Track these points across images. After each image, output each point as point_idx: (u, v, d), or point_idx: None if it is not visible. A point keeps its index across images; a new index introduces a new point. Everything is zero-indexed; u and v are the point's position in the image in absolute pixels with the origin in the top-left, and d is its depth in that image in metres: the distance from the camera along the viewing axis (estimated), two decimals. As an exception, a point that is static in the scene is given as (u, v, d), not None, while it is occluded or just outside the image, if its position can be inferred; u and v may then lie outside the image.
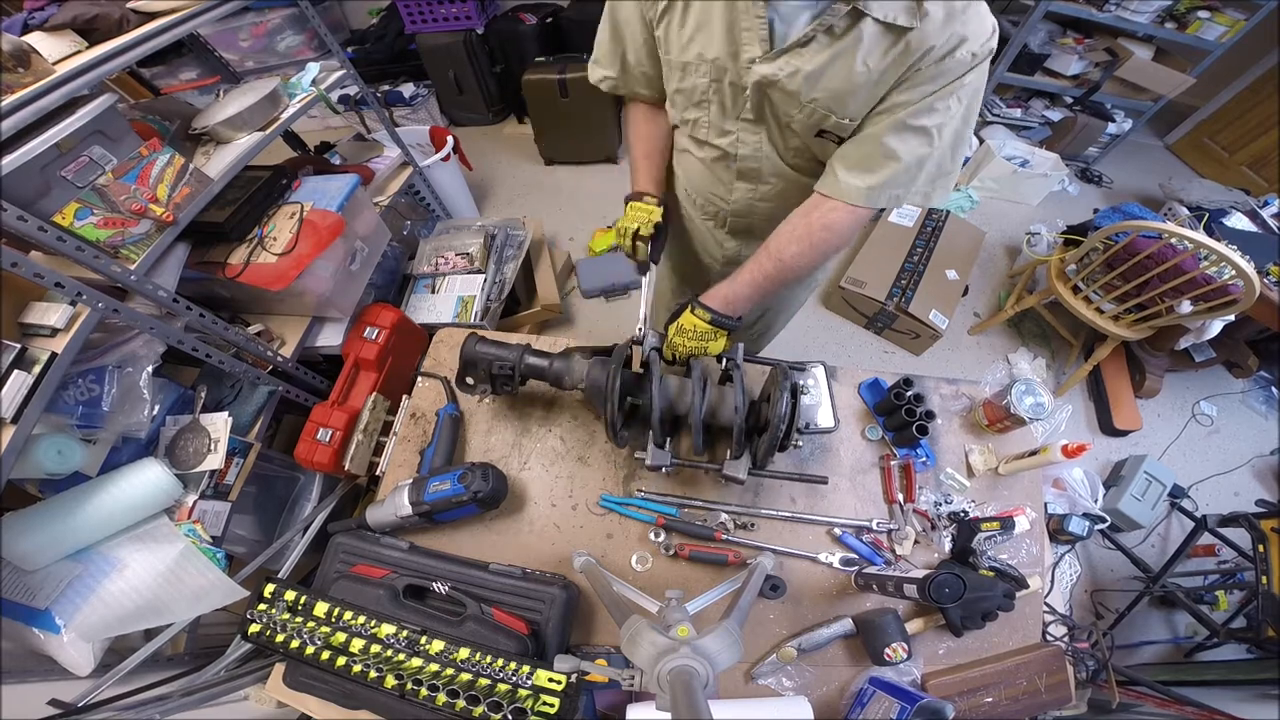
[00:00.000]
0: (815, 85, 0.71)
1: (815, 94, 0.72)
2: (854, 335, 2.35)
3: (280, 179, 1.36)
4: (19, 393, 0.87)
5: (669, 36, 0.78)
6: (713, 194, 1.00)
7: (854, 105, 0.71)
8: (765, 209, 0.96)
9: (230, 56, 2.54)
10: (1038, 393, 0.95)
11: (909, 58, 0.65)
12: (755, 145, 0.86)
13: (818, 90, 0.71)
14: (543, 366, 0.90)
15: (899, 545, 0.93)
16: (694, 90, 0.82)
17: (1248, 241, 1.91)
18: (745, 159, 0.88)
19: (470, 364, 0.90)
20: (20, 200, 0.88)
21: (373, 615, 0.75)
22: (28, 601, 0.95)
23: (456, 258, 1.83)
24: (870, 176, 0.74)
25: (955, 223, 2.50)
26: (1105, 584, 1.80)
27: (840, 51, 0.67)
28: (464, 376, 0.92)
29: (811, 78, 0.70)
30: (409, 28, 2.80)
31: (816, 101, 0.72)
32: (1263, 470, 2.07)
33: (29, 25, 1.02)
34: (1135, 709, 1.23)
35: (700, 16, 0.73)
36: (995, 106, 3.01)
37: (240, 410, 1.30)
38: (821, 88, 0.71)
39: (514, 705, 0.69)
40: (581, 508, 0.96)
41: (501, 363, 0.89)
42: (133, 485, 1.04)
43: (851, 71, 0.68)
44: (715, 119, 0.85)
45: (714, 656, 0.54)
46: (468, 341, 0.90)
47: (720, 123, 0.85)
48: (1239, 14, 2.38)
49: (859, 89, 0.69)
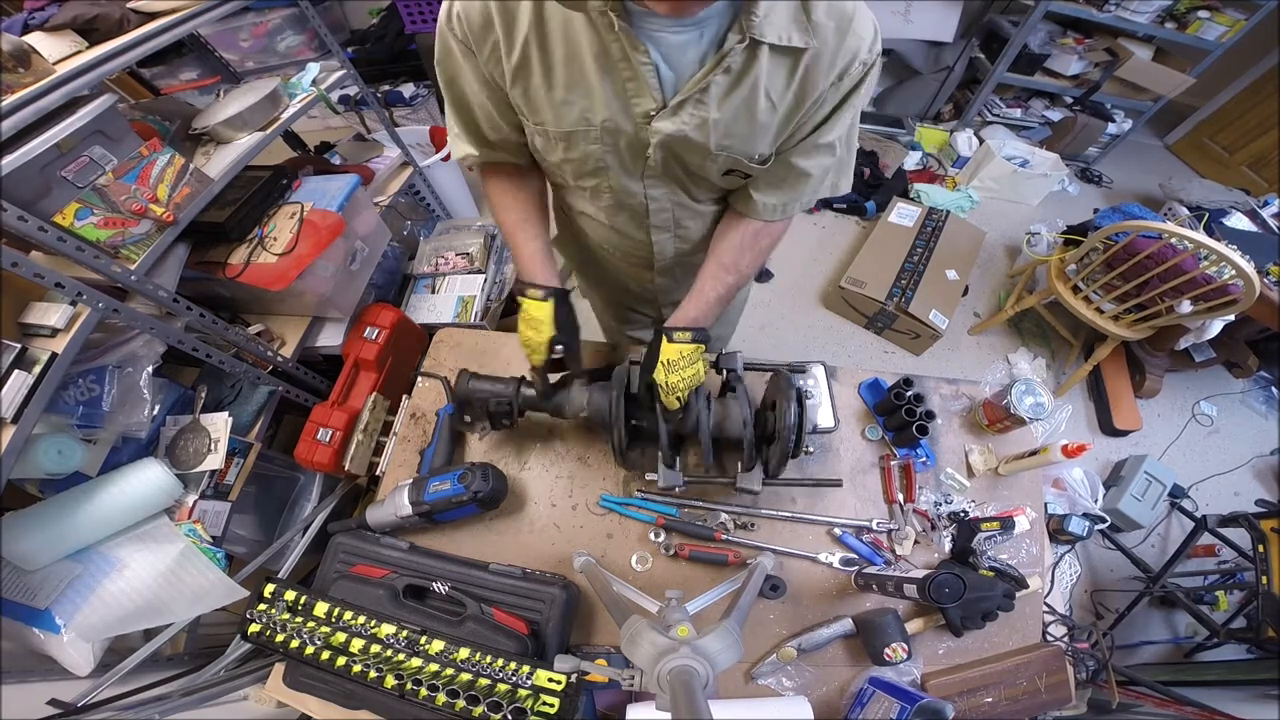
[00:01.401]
0: (724, 133, 0.65)
1: (725, 141, 0.66)
2: (854, 335, 2.36)
3: (280, 179, 1.36)
4: (19, 393, 0.87)
5: (534, 102, 0.65)
6: (630, 250, 0.93)
7: (764, 144, 0.68)
8: (690, 248, 0.91)
9: (230, 56, 2.54)
10: (1038, 393, 0.95)
11: (810, 82, 0.62)
12: (667, 197, 0.79)
13: (727, 138, 0.66)
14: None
15: (899, 545, 0.93)
16: (586, 159, 0.71)
17: (1248, 241, 1.91)
18: (658, 213, 0.82)
19: (466, 403, 0.89)
20: (20, 200, 0.88)
21: (373, 615, 0.75)
22: (28, 601, 0.95)
23: (456, 258, 1.83)
24: (784, 194, 0.75)
25: (955, 223, 2.50)
26: (1105, 584, 1.80)
27: (743, 91, 0.61)
28: (462, 415, 0.91)
29: (719, 125, 0.64)
30: (409, 28, 2.80)
31: (729, 148, 0.67)
32: (1263, 470, 2.08)
33: (29, 25, 1.02)
34: (1135, 709, 1.23)
35: (569, 74, 0.61)
36: (995, 106, 3.01)
37: (240, 410, 1.30)
38: (731, 134, 0.65)
39: (514, 705, 0.69)
40: (581, 508, 0.96)
41: (499, 399, 0.87)
42: (133, 485, 1.03)
43: (756, 110, 0.63)
44: (617, 182, 0.75)
45: (714, 656, 0.54)
46: (460, 380, 0.89)
47: (623, 184, 0.76)
48: (1239, 14, 2.38)
49: (767, 127, 0.65)
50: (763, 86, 0.61)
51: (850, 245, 2.62)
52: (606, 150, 0.69)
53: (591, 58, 0.59)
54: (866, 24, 0.61)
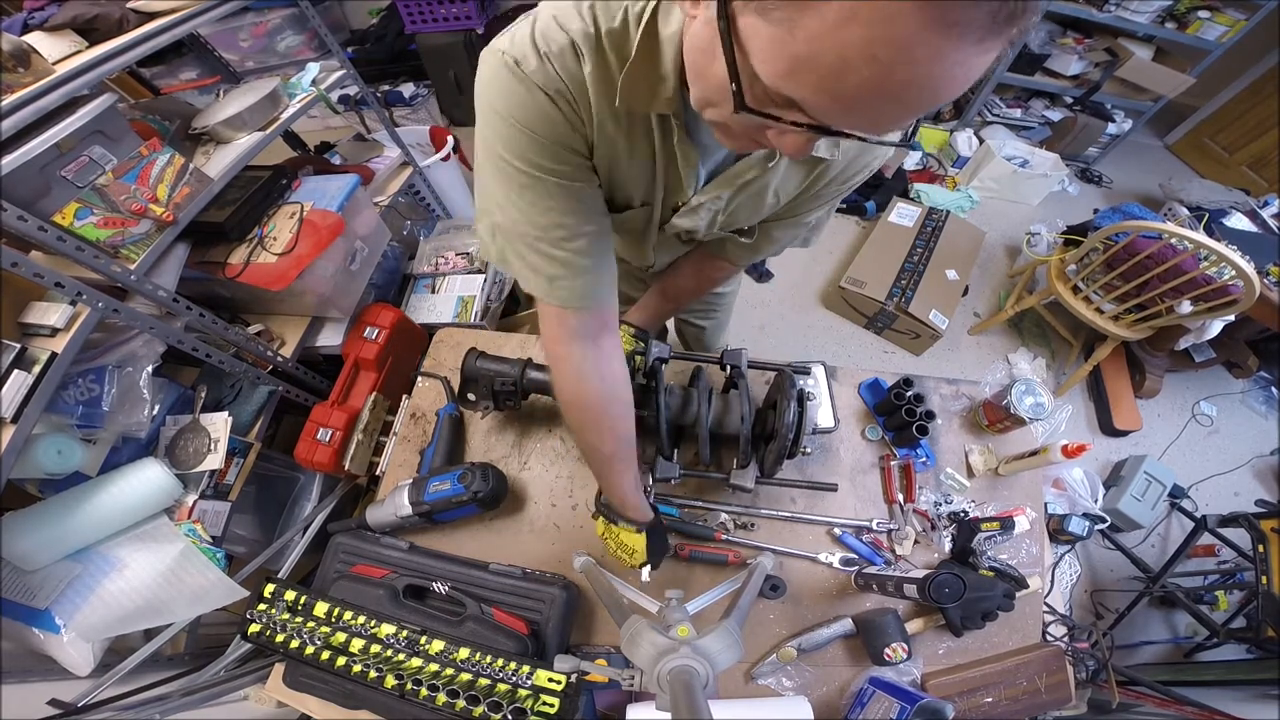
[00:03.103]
0: (727, 220, 0.70)
1: (727, 225, 0.72)
2: (854, 335, 2.35)
3: (280, 179, 1.36)
4: (19, 393, 0.87)
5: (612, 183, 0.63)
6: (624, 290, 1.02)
7: (757, 218, 0.73)
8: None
9: (230, 56, 2.54)
10: (1038, 393, 0.95)
11: (819, 183, 0.66)
12: (668, 251, 0.89)
13: (728, 224, 0.71)
14: (545, 380, 0.89)
15: (899, 545, 0.93)
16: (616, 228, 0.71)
17: (1248, 241, 1.91)
18: (660, 258, 0.91)
19: (471, 380, 0.90)
20: (20, 200, 0.88)
21: (373, 615, 0.75)
22: (28, 601, 0.94)
23: (456, 258, 1.83)
24: (756, 253, 0.83)
25: (955, 223, 2.50)
26: (1105, 584, 1.80)
27: (755, 188, 0.64)
28: (465, 393, 0.92)
29: (725, 214, 0.69)
30: (409, 28, 2.80)
31: (726, 225, 0.72)
32: (1263, 470, 2.07)
33: (29, 25, 1.02)
34: (1135, 709, 1.23)
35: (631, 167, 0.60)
36: (995, 106, 3.01)
37: (240, 410, 1.30)
38: (731, 220, 0.71)
39: (514, 705, 0.69)
40: (581, 508, 0.96)
41: (503, 379, 0.88)
42: (132, 485, 1.03)
43: (762, 204, 0.67)
44: (633, 247, 0.84)
45: (714, 656, 0.54)
46: (468, 358, 0.90)
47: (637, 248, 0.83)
48: (1239, 14, 2.38)
49: (765, 210, 0.70)
50: (774, 185, 0.64)
51: (850, 245, 2.62)
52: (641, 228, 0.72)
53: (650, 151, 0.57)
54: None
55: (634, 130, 0.55)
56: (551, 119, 0.50)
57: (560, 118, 0.50)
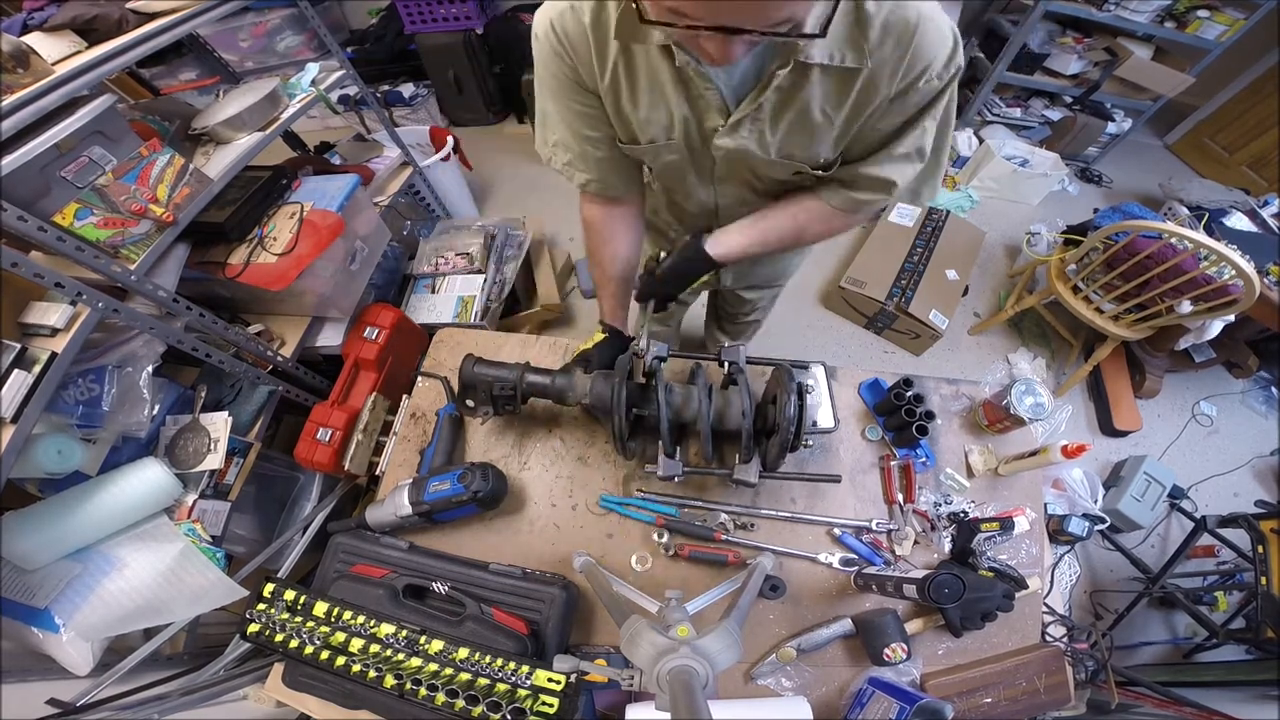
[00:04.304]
0: (783, 143, 0.71)
1: (786, 150, 0.72)
2: (854, 335, 2.35)
3: (280, 179, 1.36)
4: (19, 392, 0.87)
5: (622, 117, 0.74)
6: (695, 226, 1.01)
7: (825, 150, 0.72)
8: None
9: (230, 57, 2.55)
10: (1038, 393, 0.95)
11: (867, 96, 0.63)
12: (733, 195, 0.88)
13: (786, 148, 0.72)
14: (544, 384, 0.89)
15: (899, 545, 0.93)
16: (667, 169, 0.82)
17: (1248, 241, 1.91)
18: (726, 209, 0.91)
19: (469, 386, 0.89)
20: (20, 200, 0.88)
21: (372, 615, 0.75)
22: (27, 601, 0.95)
23: (456, 258, 1.83)
24: (865, 195, 0.78)
25: (955, 223, 2.50)
26: (1105, 584, 1.80)
27: (797, 106, 0.65)
28: (464, 399, 0.92)
29: (777, 136, 0.70)
30: (409, 28, 2.80)
31: (791, 156, 0.73)
32: (1262, 471, 2.07)
33: (28, 25, 1.02)
34: (1134, 710, 1.23)
35: (652, 97, 0.69)
36: (995, 106, 3.01)
37: (240, 410, 1.30)
38: (789, 144, 0.71)
39: (513, 705, 0.69)
40: (581, 508, 0.96)
41: (502, 383, 0.88)
42: (132, 485, 1.04)
43: (812, 123, 0.67)
44: (692, 187, 0.87)
45: (714, 656, 0.54)
46: (465, 364, 0.89)
47: (697, 188, 0.87)
48: (1239, 13, 2.38)
49: (824, 136, 0.69)
50: (816, 102, 0.65)
51: (850, 245, 2.62)
52: (684, 160, 0.79)
53: (670, 82, 0.66)
54: (938, 39, 0.60)
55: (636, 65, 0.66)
56: (561, 69, 0.70)
57: (566, 68, 0.69)
